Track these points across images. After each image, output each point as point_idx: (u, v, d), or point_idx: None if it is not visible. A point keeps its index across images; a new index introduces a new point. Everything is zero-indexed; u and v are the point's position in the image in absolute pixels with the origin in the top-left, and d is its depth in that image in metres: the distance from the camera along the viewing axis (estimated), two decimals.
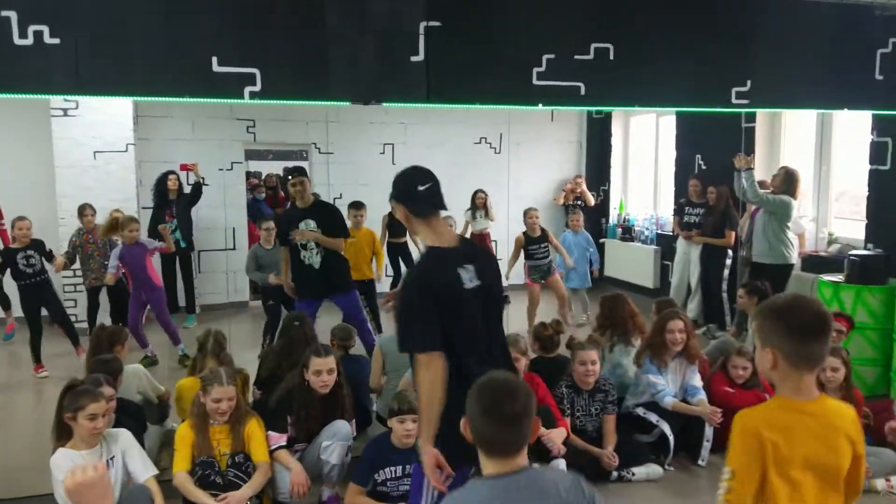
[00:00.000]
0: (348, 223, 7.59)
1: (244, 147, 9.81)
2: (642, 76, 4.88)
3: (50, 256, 6.88)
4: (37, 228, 7.37)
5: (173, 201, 8.37)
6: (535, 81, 4.71)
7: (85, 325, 7.46)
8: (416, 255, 6.57)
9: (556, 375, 5.01)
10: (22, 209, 7.24)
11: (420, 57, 4.46)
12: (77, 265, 7.55)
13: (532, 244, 7.73)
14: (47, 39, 3.82)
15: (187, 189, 8.63)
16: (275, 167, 15.36)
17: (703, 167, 8.74)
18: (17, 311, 7.36)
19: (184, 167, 8.64)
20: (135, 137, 8.39)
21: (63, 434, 3.60)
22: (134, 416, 4.35)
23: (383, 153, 10.23)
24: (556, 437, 4.45)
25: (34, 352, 6.73)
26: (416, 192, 2.88)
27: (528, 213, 7.83)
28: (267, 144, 10.91)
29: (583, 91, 4.84)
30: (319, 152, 10.08)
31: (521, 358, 4.69)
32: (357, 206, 7.60)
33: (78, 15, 3.90)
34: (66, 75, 3.91)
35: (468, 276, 2.86)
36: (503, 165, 10.72)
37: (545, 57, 4.71)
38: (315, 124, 9.90)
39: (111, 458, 3.61)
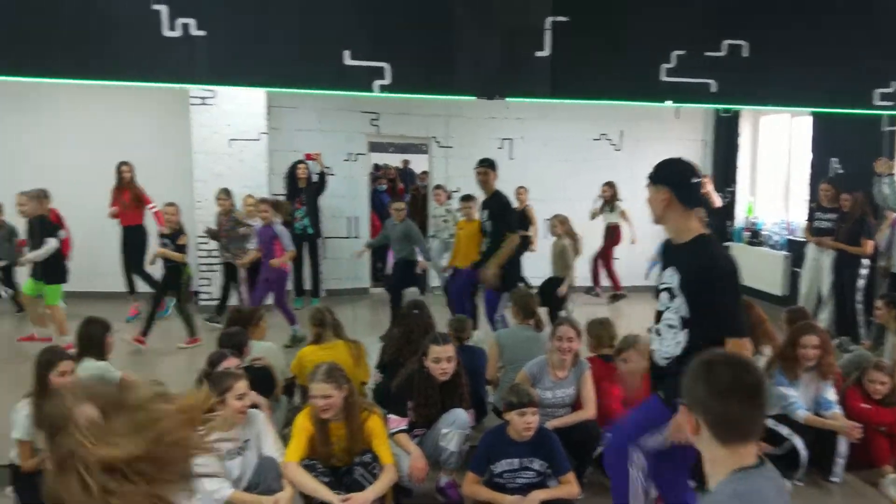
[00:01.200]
0: (459, 215, 7.78)
1: (368, 139, 10.10)
2: (778, 75, 4.69)
3: (180, 249, 7.21)
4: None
5: (302, 190, 8.77)
6: (663, 78, 4.62)
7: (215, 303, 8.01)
8: None
9: None
10: (160, 193, 7.80)
11: (545, 52, 4.47)
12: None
13: None
14: (193, 32, 4.08)
15: (315, 179, 8.98)
16: (394, 159, 15.73)
17: (840, 171, 8.26)
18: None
19: (308, 156, 9.02)
20: (267, 127, 8.79)
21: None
22: (262, 379, 4.49)
23: (501, 148, 10.27)
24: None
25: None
26: (690, 183, 3.07)
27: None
28: (389, 137, 11.16)
29: (713, 88, 4.71)
30: (439, 146, 10.24)
31: (641, 361, 4.61)
32: (467, 198, 7.76)
33: (222, 9, 4.16)
34: (210, 66, 4.18)
35: None
36: (623, 163, 10.52)
37: (674, 53, 4.61)
38: (436, 118, 10.06)
39: (246, 441, 3.71)
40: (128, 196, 8.07)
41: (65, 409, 1.22)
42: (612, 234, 9.75)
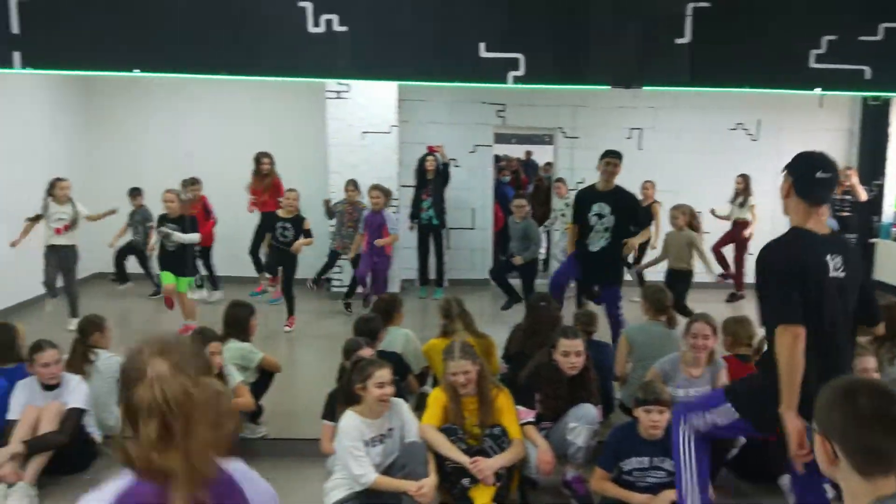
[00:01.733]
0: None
1: (493, 130, 10.13)
2: None
3: (308, 234, 7.51)
4: (308, 202, 8.26)
5: (430, 181, 8.91)
6: (812, 64, 4.38)
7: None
8: None
9: None
10: (297, 183, 8.13)
11: (685, 39, 4.33)
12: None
13: None
14: (336, 27, 4.23)
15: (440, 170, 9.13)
16: (516, 151, 15.70)
17: None
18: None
19: (430, 149, 9.15)
20: (398, 120, 8.99)
21: (348, 400, 3.84)
22: (395, 369, 4.63)
23: (630, 138, 10.05)
24: None
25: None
26: (814, 177, 2.97)
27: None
28: (515, 128, 11.16)
29: (868, 75, 4.42)
30: (565, 136, 10.14)
31: None
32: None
33: (362, 4, 4.28)
34: (350, 61, 4.31)
35: (834, 265, 2.93)
36: (761, 153, 10.04)
37: (825, 38, 4.36)
38: (563, 108, 9.97)
39: (390, 430, 3.83)
40: (263, 186, 8.63)
41: (141, 362, 1.46)
42: (738, 230, 9.25)
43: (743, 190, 9.17)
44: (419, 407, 4.79)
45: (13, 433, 4.18)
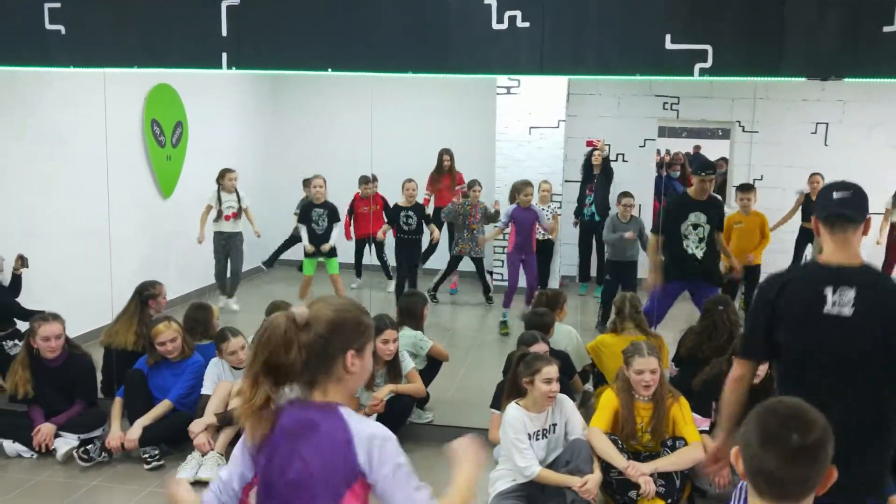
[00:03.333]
0: (735, 206, 7.27)
1: (659, 124, 9.78)
2: None
3: (429, 219, 7.84)
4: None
5: (595, 176, 8.76)
6: None
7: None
8: None
9: None
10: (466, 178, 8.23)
11: (895, 27, 3.97)
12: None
13: None
14: (519, 23, 4.25)
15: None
16: (686, 145, 15.07)
17: None
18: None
19: (589, 143, 8.95)
20: (565, 114, 8.91)
21: (515, 393, 3.91)
22: (562, 367, 4.58)
23: (815, 133, 9.36)
24: None
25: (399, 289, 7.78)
26: (830, 196, 2.69)
27: None
28: (689, 122, 10.74)
29: None
30: (743, 130, 9.60)
31: None
32: (745, 188, 7.27)
33: (546, 0, 4.26)
34: (531, 56, 4.31)
35: (839, 300, 2.54)
36: None
37: None
38: (741, 101, 9.43)
39: (553, 426, 3.86)
40: (447, 181, 8.83)
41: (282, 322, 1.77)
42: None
43: None
44: (582, 405, 4.76)
45: (206, 407, 4.55)
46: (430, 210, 8.89)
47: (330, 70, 4.41)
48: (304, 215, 7.79)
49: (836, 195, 2.69)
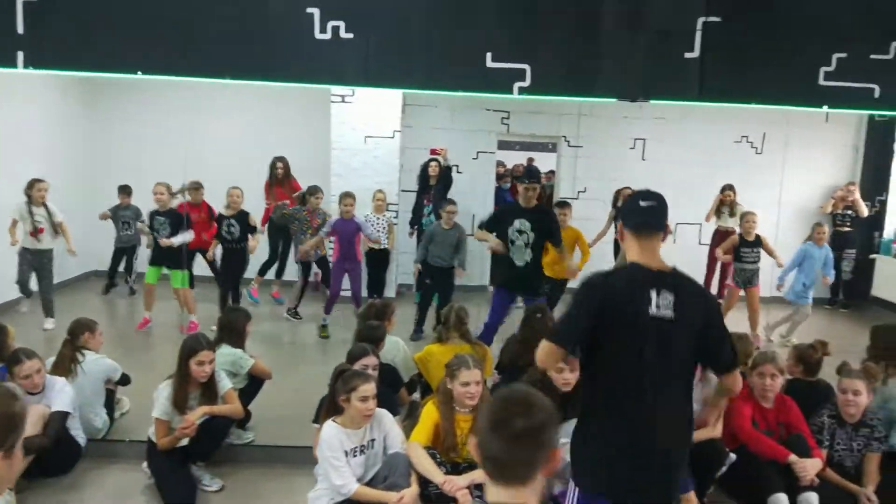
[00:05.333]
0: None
1: (497, 137, 10.09)
2: None
3: (253, 229, 7.62)
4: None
5: (432, 186, 8.86)
6: (821, 81, 4.35)
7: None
8: None
9: (815, 402, 4.61)
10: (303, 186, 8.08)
11: (695, 53, 4.30)
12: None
13: (745, 247, 7.76)
14: (343, 34, 4.19)
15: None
16: (520, 157, 15.63)
17: None
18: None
19: (433, 152, 9.11)
20: (401, 124, 8.95)
21: (333, 410, 3.84)
22: (388, 379, 4.60)
23: (633, 148, 10.02)
24: (809, 466, 4.12)
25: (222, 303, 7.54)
26: (637, 205, 2.86)
27: (745, 217, 7.90)
28: (519, 136, 11.11)
29: (877, 94, 4.39)
30: (569, 145, 10.09)
31: (777, 376, 4.40)
32: (561, 205, 7.69)
33: (369, 13, 4.24)
34: (357, 68, 4.27)
35: (661, 303, 2.71)
36: (764, 167, 10.00)
37: (835, 56, 4.33)
38: (567, 117, 9.93)
39: (371, 441, 3.82)
40: (280, 190, 8.63)
41: None
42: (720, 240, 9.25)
43: (730, 202, 9.30)
44: (409, 417, 4.76)
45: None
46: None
47: (140, 73, 4.15)
48: (149, 223, 7.46)
49: (642, 204, 2.86)
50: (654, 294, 2.71)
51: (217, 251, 7.77)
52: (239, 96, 9.27)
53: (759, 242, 7.77)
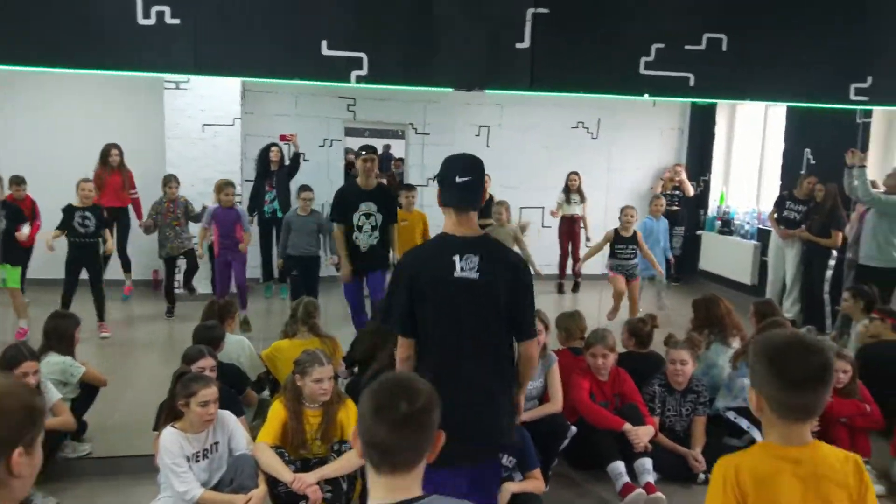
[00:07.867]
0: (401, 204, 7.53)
1: (344, 125, 9.99)
2: (755, 69, 4.68)
3: (109, 223, 7.20)
4: (147, 196, 7.83)
5: (274, 172, 8.66)
6: (642, 71, 4.60)
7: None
8: None
9: (648, 372, 4.93)
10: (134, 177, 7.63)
11: (525, 44, 4.42)
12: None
13: (621, 243, 7.47)
14: (168, 20, 3.97)
15: (288, 162, 8.88)
16: (374, 144, 15.54)
17: (812, 162, 8.35)
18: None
19: (283, 137, 8.87)
20: (241, 112, 8.65)
21: (172, 415, 3.69)
22: (231, 380, 4.47)
23: (478, 135, 10.22)
24: (643, 433, 4.42)
25: (64, 304, 6.81)
26: (454, 182, 2.92)
27: (624, 211, 7.48)
28: (366, 123, 11.07)
29: (692, 82, 4.70)
30: (416, 133, 10.16)
31: (609, 354, 4.65)
32: (409, 188, 7.74)
33: None
34: (185, 55, 4.06)
35: (466, 266, 2.86)
36: (600, 151, 10.54)
37: (654, 46, 4.59)
38: (414, 104, 9.97)
39: (214, 444, 3.70)
40: (117, 178, 8.12)
41: None
42: (570, 225, 9.80)
43: (577, 187, 9.67)
44: (258, 416, 4.65)
45: None
46: None
47: None
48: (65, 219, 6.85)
49: (459, 180, 2.90)
50: (457, 259, 2.85)
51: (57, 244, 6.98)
52: (61, 86, 8.60)
53: (634, 240, 7.44)
